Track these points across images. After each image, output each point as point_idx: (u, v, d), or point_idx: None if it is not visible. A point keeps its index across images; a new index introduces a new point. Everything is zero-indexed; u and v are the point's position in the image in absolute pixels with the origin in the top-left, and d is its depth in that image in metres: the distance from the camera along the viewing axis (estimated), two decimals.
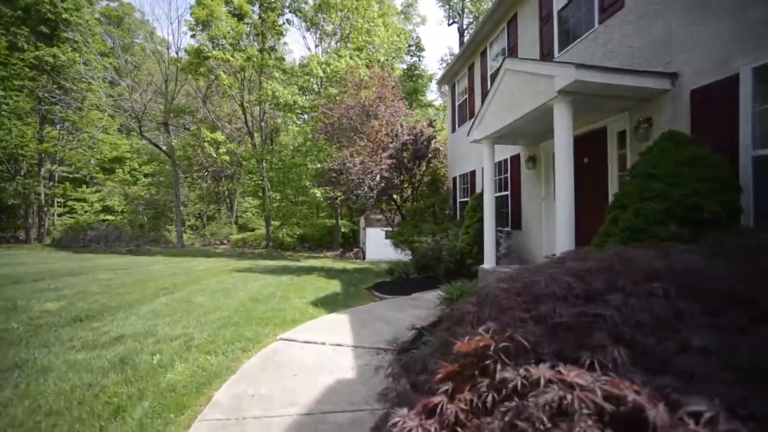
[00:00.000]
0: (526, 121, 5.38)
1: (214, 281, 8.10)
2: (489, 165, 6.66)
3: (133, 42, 26.55)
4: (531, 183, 7.24)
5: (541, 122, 5.56)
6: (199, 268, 11.40)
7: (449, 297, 3.79)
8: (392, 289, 6.39)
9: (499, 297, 1.72)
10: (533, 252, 7.15)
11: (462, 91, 11.32)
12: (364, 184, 10.65)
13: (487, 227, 6.62)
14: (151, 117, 20.24)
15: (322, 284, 7.68)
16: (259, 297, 6.08)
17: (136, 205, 30.04)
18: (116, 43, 20.31)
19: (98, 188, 29.10)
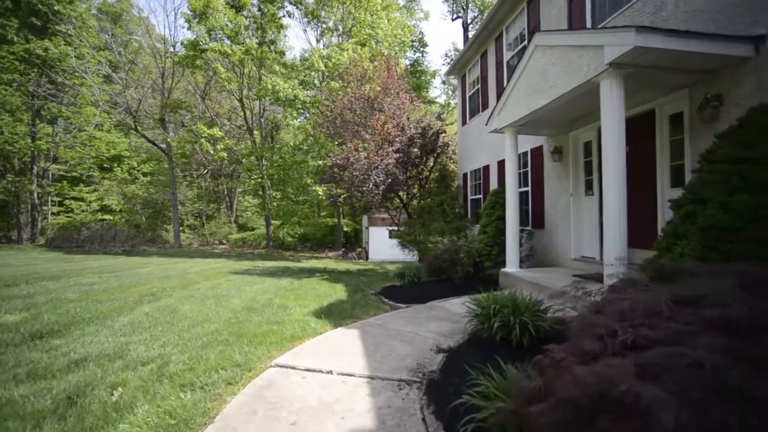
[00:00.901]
0: (559, 105, 4.68)
1: (207, 286, 7.42)
2: (512, 157, 5.96)
3: (132, 39, 25.89)
4: (556, 177, 6.54)
5: (578, 105, 4.86)
6: (194, 270, 10.73)
7: (484, 312, 3.10)
8: (404, 296, 5.70)
9: None
10: (559, 254, 6.45)
11: (473, 81, 10.62)
12: (369, 181, 9.95)
13: (509, 226, 5.93)
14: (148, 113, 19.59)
15: (324, 289, 6.99)
16: (255, 305, 5.40)
17: (134, 204, 29.45)
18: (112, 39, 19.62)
19: (96, 187, 28.51)
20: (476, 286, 6.23)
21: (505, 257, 6.29)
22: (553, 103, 4.59)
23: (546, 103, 4.61)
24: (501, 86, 8.71)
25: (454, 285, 6.28)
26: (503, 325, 2.88)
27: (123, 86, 17.47)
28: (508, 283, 5.77)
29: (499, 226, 6.63)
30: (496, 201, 6.89)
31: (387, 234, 22.72)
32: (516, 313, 2.90)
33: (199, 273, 9.96)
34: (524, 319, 2.81)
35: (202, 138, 16.99)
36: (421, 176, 11.97)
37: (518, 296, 3.21)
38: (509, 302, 3.03)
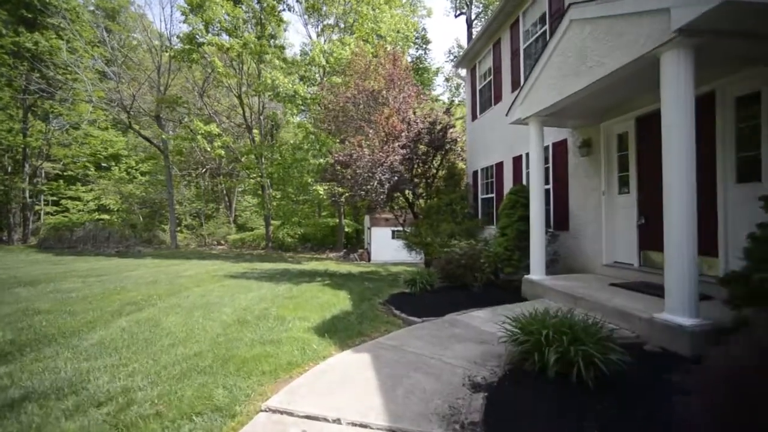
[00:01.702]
0: (598, 89, 4.04)
1: (198, 292, 6.79)
2: (537, 151, 5.32)
3: (130, 36, 25.24)
4: (584, 174, 5.90)
5: (620, 90, 4.22)
6: (187, 274, 10.10)
7: (531, 338, 2.45)
8: (417, 307, 5.06)
9: None
10: (587, 259, 5.81)
11: (484, 74, 9.98)
12: (373, 179, 9.31)
13: (534, 228, 5.29)
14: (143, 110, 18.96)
15: (327, 297, 6.35)
16: (249, 317, 4.76)
17: (131, 204, 28.83)
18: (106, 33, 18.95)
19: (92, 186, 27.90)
20: (496, 294, 5.61)
21: (528, 263, 5.66)
22: (593, 87, 3.95)
23: (584, 86, 3.96)
24: (517, 76, 8.09)
25: (471, 293, 5.63)
26: (561, 357, 2.24)
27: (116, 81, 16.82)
28: (534, 292, 5.13)
29: (521, 228, 5.99)
30: (516, 200, 6.24)
31: (390, 234, 22.12)
32: (576, 340, 2.26)
33: (191, 277, 9.32)
34: (589, 351, 2.17)
35: (198, 135, 16.35)
36: (427, 174, 11.33)
37: (574, 318, 2.56)
38: (566, 326, 2.37)
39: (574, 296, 4.27)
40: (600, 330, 2.40)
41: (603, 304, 3.79)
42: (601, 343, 2.25)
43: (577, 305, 4.18)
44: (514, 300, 5.15)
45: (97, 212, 27.36)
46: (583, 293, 4.25)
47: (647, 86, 4.15)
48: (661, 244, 4.28)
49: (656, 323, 3.01)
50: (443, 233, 9.62)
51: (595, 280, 5.07)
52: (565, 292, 4.46)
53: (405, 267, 16.80)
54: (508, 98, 8.46)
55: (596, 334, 2.32)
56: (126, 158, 30.13)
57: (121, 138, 28.33)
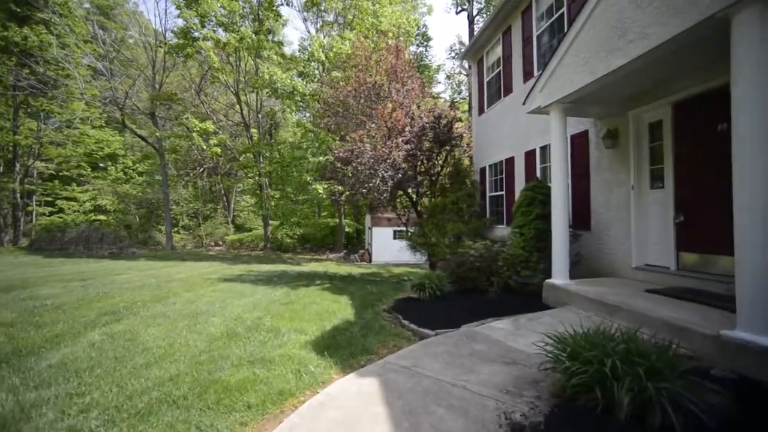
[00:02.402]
0: (636, 69, 3.51)
1: (187, 298, 6.26)
2: (559, 142, 4.79)
3: (125, 34, 24.68)
4: (608, 167, 5.37)
5: (664, 67, 3.68)
6: (179, 277, 9.57)
7: (581, 367, 1.91)
8: (427, 315, 4.53)
9: None
10: (613, 261, 5.28)
11: (492, 65, 9.45)
12: (376, 176, 8.78)
13: (557, 227, 4.76)
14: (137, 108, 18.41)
15: (326, 303, 5.83)
16: (239, 329, 4.23)
17: (127, 204, 28.30)
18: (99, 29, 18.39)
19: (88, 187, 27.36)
20: (513, 300, 5.08)
21: (548, 265, 5.13)
22: (633, 65, 3.41)
23: (624, 64, 3.43)
24: (529, 65, 7.57)
25: (486, 299, 5.11)
26: (636, 397, 1.70)
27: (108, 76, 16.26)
28: (557, 298, 4.60)
29: (539, 227, 5.46)
30: (534, 197, 5.71)
31: (391, 235, 21.58)
32: (655, 373, 1.72)
33: (183, 280, 8.79)
34: (676, 390, 1.64)
35: (194, 132, 15.81)
36: (432, 171, 10.79)
37: (639, 340, 2.02)
38: (635, 353, 1.83)
39: (608, 305, 3.74)
40: (679, 360, 1.86)
41: (647, 316, 3.26)
42: (686, 377, 1.72)
43: (612, 316, 3.65)
44: (535, 307, 4.62)
45: (93, 213, 26.83)
46: (617, 301, 3.72)
47: (694, 65, 3.63)
48: (704, 245, 3.74)
49: (726, 342, 2.48)
50: (449, 233, 9.11)
51: (625, 285, 4.54)
52: (596, 300, 3.92)
53: (407, 268, 16.27)
54: (519, 89, 7.95)
55: (677, 366, 1.78)
56: (123, 158, 29.61)
57: (118, 137, 27.80)
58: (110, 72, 16.41)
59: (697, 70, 3.76)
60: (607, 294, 4.04)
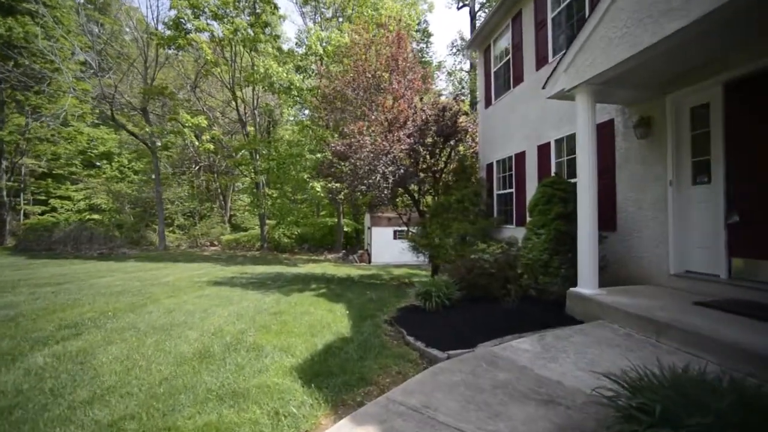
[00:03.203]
0: (697, 34, 2.88)
1: (166, 306, 5.64)
2: (587, 130, 4.16)
3: (115, 26, 23.99)
4: (639, 161, 4.74)
5: (730, 32, 3.06)
6: (165, 280, 8.95)
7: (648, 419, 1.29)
8: (435, 330, 3.92)
9: None
10: (644, 266, 4.66)
11: (500, 53, 8.83)
12: (376, 172, 8.16)
13: (584, 228, 4.13)
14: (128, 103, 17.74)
15: (320, 313, 5.21)
16: (215, 347, 3.60)
17: (122, 203, 27.65)
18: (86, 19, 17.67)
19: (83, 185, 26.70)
20: (532, 311, 4.46)
21: (571, 271, 4.52)
22: (696, 27, 2.78)
23: (684, 26, 2.79)
24: (543, 51, 6.94)
25: (500, 310, 4.48)
26: None
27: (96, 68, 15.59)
28: (585, 310, 3.97)
29: (560, 228, 4.84)
30: (553, 194, 5.09)
31: (391, 235, 20.93)
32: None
33: (169, 285, 8.17)
34: None
35: (185, 128, 15.16)
36: (435, 168, 10.16)
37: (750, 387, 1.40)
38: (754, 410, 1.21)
39: (655, 322, 3.11)
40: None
41: (710, 339, 2.64)
42: None
43: (660, 336, 3.03)
44: (559, 320, 4.00)
45: (88, 212, 26.18)
46: (667, 318, 3.09)
47: (764, 29, 3.00)
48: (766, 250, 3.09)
49: None
50: (454, 234, 8.49)
51: (666, 295, 3.91)
52: (638, 315, 3.30)
53: (408, 269, 15.65)
54: (531, 78, 7.33)
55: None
56: (118, 156, 28.94)
57: (113, 135, 27.12)
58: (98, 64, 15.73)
59: (765, 36, 3.12)
60: (652, 308, 3.41)
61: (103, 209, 26.65)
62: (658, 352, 2.81)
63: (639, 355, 2.80)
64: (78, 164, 25.61)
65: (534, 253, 4.78)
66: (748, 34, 3.09)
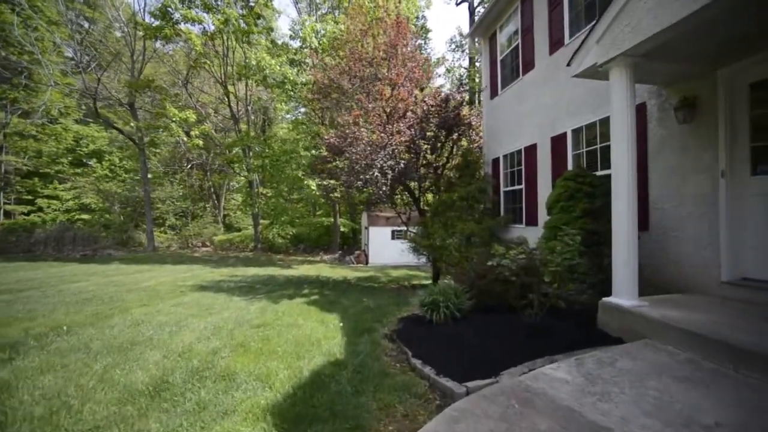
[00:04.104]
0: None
1: (136, 317, 4.94)
2: (624, 113, 3.50)
3: (106, 18, 23.11)
4: (681, 148, 4.10)
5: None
6: (146, 284, 8.23)
7: None
8: (446, 348, 3.27)
9: None
10: (685, 271, 4.02)
11: (509, 39, 8.18)
12: (373, 167, 7.49)
13: (620, 227, 3.49)
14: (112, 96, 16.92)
15: (310, 326, 4.53)
16: (175, 376, 2.91)
17: (111, 203, 26.79)
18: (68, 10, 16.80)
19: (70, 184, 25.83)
20: (558, 325, 3.79)
21: (602, 277, 3.89)
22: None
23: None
24: (558, 32, 6.30)
25: (520, 323, 3.82)
26: None
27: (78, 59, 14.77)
28: (624, 325, 3.32)
29: (587, 228, 4.19)
30: (577, 188, 4.44)
31: (389, 235, 20.22)
32: None
33: (148, 290, 7.46)
34: None
35: (172, 123, 14.41)
36: (437, 163, 9.50)
37: None
38: None
39: (729, 345, 2.46)
40: None
41: None
42: None
43: (739, 365, 2.37)
44: (592, 337, 3.36)
45: (77, 212, 25.32)
46: (745, 342, 2.44)
47: None
48: None
49: None
50: (458, 234, 7.83)
51: (725, 308, 3.27)
52: (701, 336, 2.63)
53: (407, 271, 14.98)
54: (543, 64, 6.70)
55: None
56: (109, 155, 28.06)
57: (103, 133, 26.24)
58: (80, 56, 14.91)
59: None
60: (716, 326, 2.76)
61: (93, 209, 25.81)
62: (747, 390, 2.16)
63: (721, 393, 2.15)
64: (65, 163, 24.72)
65: (566, 256, 4.08)
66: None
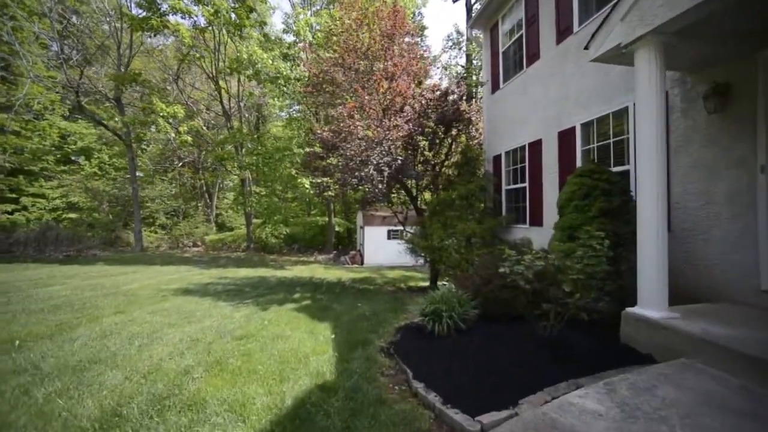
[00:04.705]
0: None
1: (104, 327, 4.45)
2: (652, 99, 3.11)
3: (97, 15, 22.35)
4: (710, 141, 3.71)
5: None
6: (126, 288, 7.71)
7: None
8: (453, 368, 2.85)
9: None
10: (714, 277, 3.64)
11: (511, 29, 7.77)
12: (369, 163, 7.04)
13: (648, 227, 3.10)
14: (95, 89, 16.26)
15: (298, 337, 4.08)
16: (132, 407, 2.45)
17: (100, 201, 26.04)
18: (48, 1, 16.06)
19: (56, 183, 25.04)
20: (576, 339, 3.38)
21: (621, 283, 3.49)
22: None
23: None
24: (567, 20, 5.90)
25: (533, 336, 3.41)
26: None
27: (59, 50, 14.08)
28: (653, 340, 2.92)
29: (605, 228, 3.78)
30: (593, 185, 4.04)
31: (385, 234, 19.82)
32: None
33: (128, 294, 6.96)
34: None
35: (159, 118, 13.83)
36: (435, 160, 9.08)
37: None
38: None
39: None
40: None
41: None
42: None
43: None
44: (618, 355, 2.96)
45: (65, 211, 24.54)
46: None
47: None
48: None
49: None
50: (458, 234, 7.43)
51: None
52: (763, 361, 2.23)
53: (403, 271, 14.56)
54: (550, 54, 6.31)
55: None
56: (98, 152, 27.24)
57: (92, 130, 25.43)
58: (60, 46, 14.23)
59: None
60: None
61: (81, 208, 25.04)
62: None
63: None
64: (51, 160, 23.93)
65: (590, 262, 3.56)
66: None
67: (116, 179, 26.26)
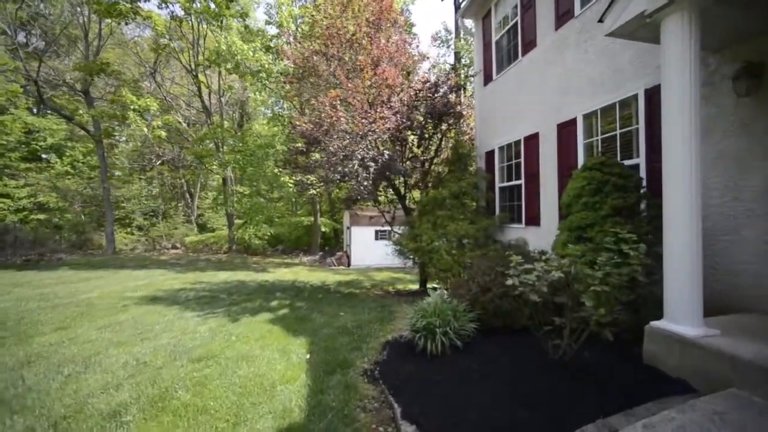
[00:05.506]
0: None
1: (32, 349, 3.74)
2: (684, 77, 2.63)
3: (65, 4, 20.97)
4: (739, 129, 3.27)
5: None
6: (83, 297, 6.92)
7: None
8: (449, 401, 2.30)
9: None
10: (743, 283, 3.20)
11: (504, 18, 7.30)
12: (353, 158, 6.45)
13: (678, 230, 2.61)
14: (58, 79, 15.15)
15: (268, 357, 3.47)
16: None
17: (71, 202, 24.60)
18: None
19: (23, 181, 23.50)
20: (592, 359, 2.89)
21: (643, 292, 3.01)
22: None
23: None
24: (567, 2, 5.45)
25: (540, 354, 2.89)
26: None
27: (12, 34, 12.94)
28: (686, 362, 2.44)
29: (622, 228, 3.30)
30: (605, 179, 3.56)
31: (373, 235, 19.21)
32: None
33: (82, 304, 6.18)
34: None
35: (130, 111, 12.89)
36: (424, 156, 8.56)
37: None
38: None
39: None
40: None
41: None
42: None
43: None
44: (642, 379, 2.47)
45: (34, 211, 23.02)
46: None
47: None
48: None
49: None
50: (450, 235, 6.92)
51: None
52: None
53: (391, 273, 14.00)
54: (548, 40, 5.86)
55: None
56: (71, 150, 25.71)
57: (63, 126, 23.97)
58: (14, 31, 13.11)
59: None
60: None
61: (51, 208, 23.58)
62: None
63: None
64: (14, 157, 22.42)
65: (621, 271, 2.85)
66: None
67: (92, 178, 24.88)
